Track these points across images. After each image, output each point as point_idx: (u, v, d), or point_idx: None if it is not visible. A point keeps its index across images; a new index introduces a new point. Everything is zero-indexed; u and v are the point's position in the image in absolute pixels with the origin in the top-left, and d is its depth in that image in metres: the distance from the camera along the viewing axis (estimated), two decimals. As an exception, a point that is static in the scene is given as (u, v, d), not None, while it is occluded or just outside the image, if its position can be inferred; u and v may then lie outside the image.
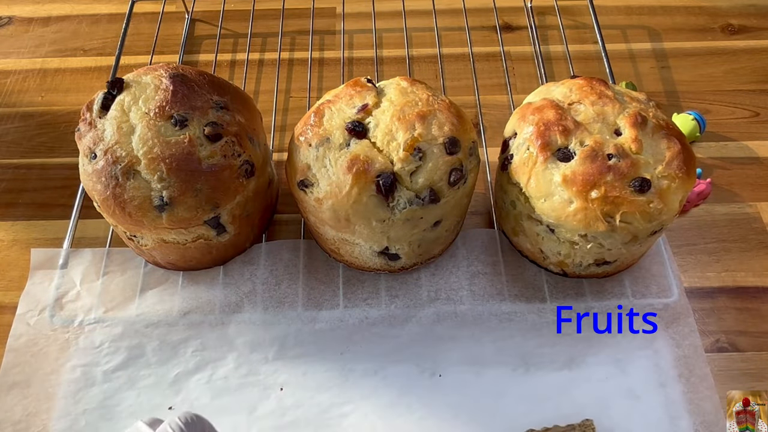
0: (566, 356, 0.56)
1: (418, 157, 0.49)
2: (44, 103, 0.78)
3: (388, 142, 0.49)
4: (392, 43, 0.83)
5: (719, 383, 0.55)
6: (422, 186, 0.49)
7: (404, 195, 0.49)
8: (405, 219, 0.49)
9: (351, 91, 0.53)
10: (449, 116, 0.51)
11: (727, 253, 0.64)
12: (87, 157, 0.52)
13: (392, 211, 0.49)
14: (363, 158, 0.48)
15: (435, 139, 0.49)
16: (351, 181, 0.48)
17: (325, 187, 0.49)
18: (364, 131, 0.50)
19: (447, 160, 0.49)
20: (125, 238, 0.58)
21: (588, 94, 0.54)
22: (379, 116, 0.51)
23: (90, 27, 0.86)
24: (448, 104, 0.53)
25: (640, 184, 0.49)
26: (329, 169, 0.49)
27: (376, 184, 0.48)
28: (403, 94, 0.52)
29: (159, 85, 0.54)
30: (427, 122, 0.50)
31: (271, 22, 0.86)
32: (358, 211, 0.49)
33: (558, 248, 0.55)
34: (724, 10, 0.87)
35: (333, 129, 0.50)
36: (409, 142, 0.49)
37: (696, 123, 0.70)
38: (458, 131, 0.51)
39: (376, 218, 0.49)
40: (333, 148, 0.50)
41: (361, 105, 0.51)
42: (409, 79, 0.54)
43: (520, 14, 0.86)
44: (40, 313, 0.58)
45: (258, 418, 0.53)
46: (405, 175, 0.49)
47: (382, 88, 0.54)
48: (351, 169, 0.48)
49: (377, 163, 0.48)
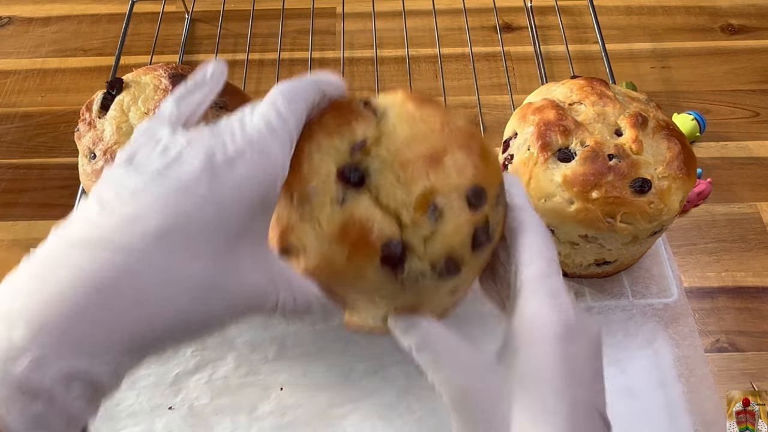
0: (566, 356, 0.55)
1: (433, 217, 0.37)
2: (44, 103, 0.78)
3: (393, 197, 0.37)
4: (392, 43, 0.83)
5: (719, 383, 0.55)
6: (439, 255, 0.37)
7: (416, 265, 0.37)
8: (416, 292, 0.39)
9: (342, 120, 0.40)
10: (470, 154, 0.38)
11: (727, 253, 0.64)
12: (86, 157, 0.52)
13: (401, 285, 0.38)
14: (362, 222, 0.37)
15: (454, 189, 0.37)
16: (348, 253, 0.36)
17: (315, 258, 0.38)
18: (362, 179, 0.38)
19: (469, 219, 0.37)
20: (125, 238, 0.58)
21: (588, 95, 0.54)
22: (381, 157, 0.38)
23: (90, 27, 0.86)
24: (468, 135, 0.40)
25: (641, 184, 0.49)
26: (318, 233, 0.37)
27: (382, 256, 0.37)
28: (410, 122, 0.40)
29: (158, 85, 0.54)
30: (444, 165, 0.37)
31: (271, 22, 0.85)
32: (357, 287, 0.38)
33: (558, 248, 0.55)
34: (724, 10, 0.87)
35: (321, 177, 0.38)
36: (421, 199, 0.37)
37: (696, 123, 0.70)
38: (483, 175, 0.38)
39: (381, 294, 0.39)
40: (322, 204, 0.37)
41: (357, 142, 0.39)
42: (416, 98, 0.41)
43: (520, 14, 0.86)
44: (40, 313, 0.58)
45: (258, 417, 0.53)
46: (417, 243, 0.36)
47: (383, 111, 0.41)
48: (347, 236, 0.36)
49: (381, 228, 0.37)
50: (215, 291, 0.29)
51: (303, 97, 0.35)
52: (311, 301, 0.36)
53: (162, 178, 0.29)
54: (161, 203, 0.28)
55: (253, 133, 0.32)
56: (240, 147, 0.31)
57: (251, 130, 0.32)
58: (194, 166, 0.29)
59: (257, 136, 0.31)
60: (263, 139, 0.32)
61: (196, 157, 0.30)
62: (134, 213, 0.27)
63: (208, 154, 0.30)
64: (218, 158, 0.30)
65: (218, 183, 0.29)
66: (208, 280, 0.29)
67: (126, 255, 0.26)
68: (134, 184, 0.29)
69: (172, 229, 0.27)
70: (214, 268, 0.29)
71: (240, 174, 0.30)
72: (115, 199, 0.28)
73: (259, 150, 0.31)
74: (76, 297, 0.25)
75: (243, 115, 0.33)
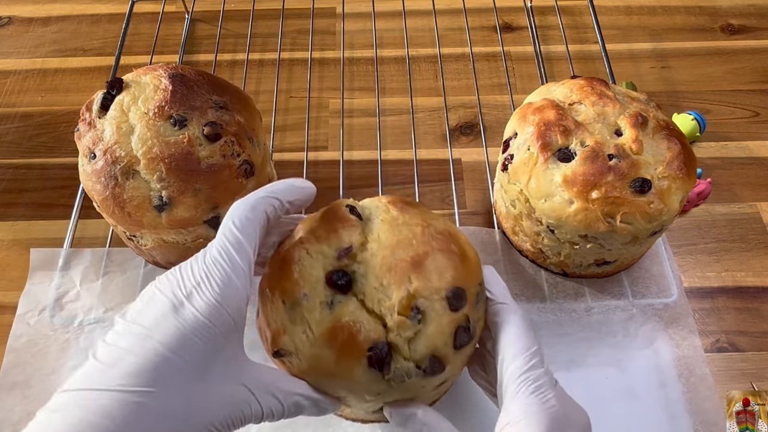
0: (566, 356, 0.55)
1: (416, 319, 0.39)
2: (44, 103, 0.78)
3: (379, 300, 0.39)
4: (392, 43, 0.83)
5: (719, 383, 0.55)
6: (423, 355, 0.39)
7: (402, 366, 0.39)
8: (404, 389, 0.41)
9: (330, 227, 0.42)
10: (451, 257, 0.41)
11: (727, 253, 0.64)
12: (86, 157, 0.52)
13: (388, 384, 0.40)
14: (349, 325, 0.39)
15: (436, 292, 0.40)
16: (336, 356, 0.39)
17: (306, 360, 0.40)
18: (350, 283, 0.40)
19: (452, 319, 0.40)
20: (125, 238, 0.58)
21: (588, 95, 0.54)
22: (367, 262, 0.40)
23: (90, 27, 0.86)
24: (447, 237, 0.43)
25: (641, 184, 0.49)
26: (308, 337, 0.39)
27: (368, 358, 0.39)
28: (393, 227, 0.42)
29: (158, 85, 0.54)
30: (425, 269, 0.40)
31: (271, 22, 0.85)
32: (346, 387, 0.40)
33: (558, 248, 0.55)
34: (724, 10, 0.87)
35: (311, 282, 0.40)
36: (404, 303, 0.39)
37: (696, 123, 0.70)
38: (462, 277, 0.41)
39: (369, 393, 0.40)
40: (312, 309, 0.39)
41: (344, 249, 0.40)
42: (398, 203, 0.44)
43: (520, 14, 0.86)
44: (40, 314, 0.58)
45: (258, 418, 0.53)
46: (402, 344, 0.39)
47: (368, 216, 0.43)
48: (336, 340, 0.38)
49: (368, 331, 0.39)
50: (189, 420, 0.32)
51: (255, 218, 0.38)
52: (299, 401, 0.38)
53: (135, 324, 0.33)
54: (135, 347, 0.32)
55: (209, 264, 0.35)
56: (197, 280, 0.34)
57: (208, 262, 0.35)
58: (159, 307, 0.33)
59: (213, 267, 0.35)
60: (220, 268, 0.35)
61: (162, 299, 0.34)
62: (112, 359, 0.32)
63: (172, 292, 0.34)
64: (179, 295, 0.34)
65: (178, 316, 0.33)
66: (181, 409, 0.32)
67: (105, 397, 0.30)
68: (114, 334, 0.33)
69: (144, 368, 0.31)
70: (186, 397, 0.32)
71: (199, 305, 0.33)
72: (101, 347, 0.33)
73: (217, 278, 0.34)
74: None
75: (204, 250, 0.37)
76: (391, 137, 0.73)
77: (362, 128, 0.74)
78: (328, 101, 0.77)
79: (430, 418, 0.40)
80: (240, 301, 0.35)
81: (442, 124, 0.74)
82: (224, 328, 0.34)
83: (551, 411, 0.37)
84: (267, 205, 0.39)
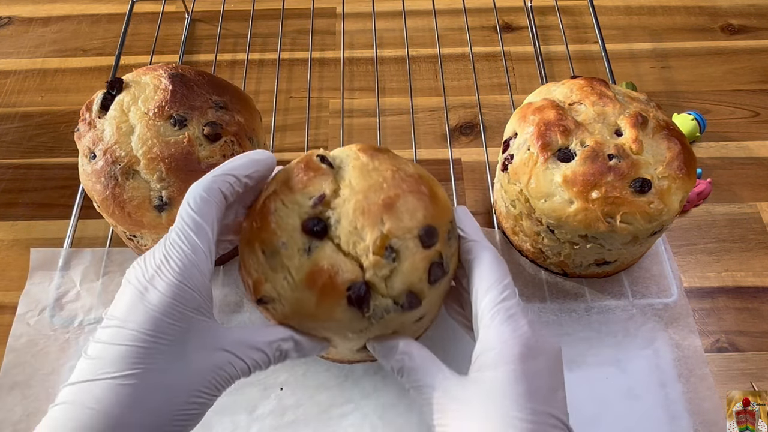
0: (566, 356, 0.55)
1: (391, 258, 0.41)
2: (44, 103, 0.78)
3: (354, 243, 0.41)
4: (392, 43, 0.83)
5: (719, 383, 0.55)
6: (399, 291, 0.41)
7: (380, 303, 0.41)
8: (384, 325, 0.43)
9: (303, 176, 0.43)
10: (421, 197, 0.43)
11: (727, 253, 0.64)
12: (86, 157, 0.52)
13: (369, 321, 0.42)
14: (327, 268, 0.40)
15: (408, 231, 0.41)
16: (317, 299, 0.41)
17: (288, 305, 0.42)
18: (325, 229, 0.41)
19: (425, 256, 0.42)
20: (125, 238, 0.58)
21: (588, 95, 0.54)
22: (341, 208, 0.42)
23: (90, 27, 0.86)
24: (416, 180, 0.44)
25: (641, 184, 0.49)
26: (289, 283, 0.41)
27: (348, 297, 0.40)
28: (364, 173, 0.44)
29: (158, 85, 0.54)
30: (396, 211, 0.42)
31: (271, 22, 0.86)
32: (330, 327, 0.42)
33: (558, 248, 0.55)
34: (724, 10, 0.87)
35: (288, 231, 0.41)
36: (378, 243, 0.41)
37: (696, 123, 0.70)
38: (433, 216, 0.43)
39: (352, 330, 0.42)
40: (291, 256, 0.41)
41: (317, 196, 0.42)
42: (368, 150, 0.46)
43: (520, 14, 0.86)
44: (40, 314, 0.58)
45: (258, 417, 0.53)
46: (379, 282, 0.41)
47: (339, 165, 0.45)
48: (315, 283, 0.40)
49: (345, 272, 0.40)
50: (176, 392, 0.35)
51: (211, 198, 0.40)
52: (281, 345, 0.40)
53: (112, 318, 0.36)
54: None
55: (168, 248, 0.38)
56: (157, 264, 0.37)
57: (167, 245, 0.38)
58: (128, 296, 0.36)
59: (171, 249, 0.38)
60: (178, 249, 0.37)
61: (130, 288, 0.37)
62: (97, 353, 0.35)
63: (137, 279, 0.37)
64: (143, 281, 0.36)
65: (145, 301, 0.35)
66: (166, 384, 0.35)
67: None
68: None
69: (123, 355, 0.34)
70: (169, 373, 0.35)
71: (162, 287, 0.36)
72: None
73: (176, 259, 0.37)
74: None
75: (165, 235, 0.39)
76: (391, 137, 0.73)
77: (362, 128, 0.74)
78: (328, 101, 0.77)
79: (410, 347, 0.42)
80: (202, 276, 0.37)
81: (442, 124, 0.74)
82: (191, 304, 0.36)
83: (524, 337, 0.38)
84: (222, 183, 0.40)
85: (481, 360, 0.39)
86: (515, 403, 0.36)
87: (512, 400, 0.36)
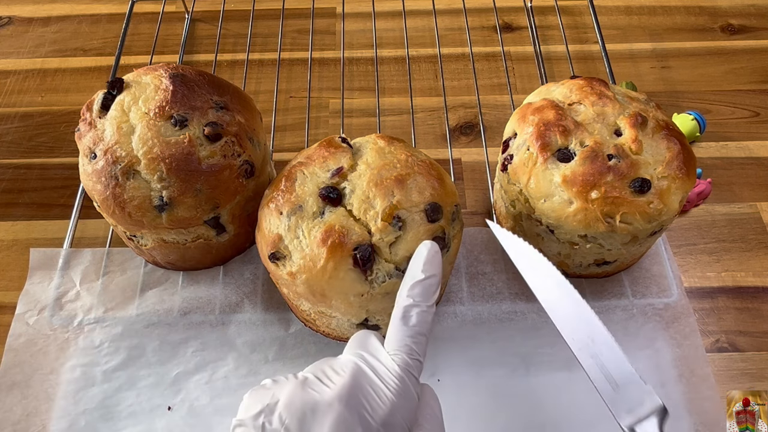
0: (566, 356, 0.55)
1: (397, 226, 0.46)
2: (44, 103, 0.78)
3: (365, 210, 0.46)
4: (392, 43, 0.83)
5: (719, 383, 0.55)
6: (402, 258, 0.46)
7: (383, 267, 0.45)
8: (385, 292, 0.46)
9: (324, 152, 0.49)
10: (430, 179, 0.48)
11: (727, 253, 0.64)
12: (87, 157, 0.52)
13: (371, 285, 0.46)
14: (338, 229, 0.45)
15: (415, 205, 0.47)
16: (326, 255, 0.45)
17: (299, 261, 0.46)
18: (339, 197, 0.47)
19: (428, 229, 0.46)
20: (125, 238, 0.58)
21: (588, 95, 0.54)
22: (355, 181, 0.48)
23: (90, 27, 0.86)
24: (428, 165, 0.50)
25: (640, 184, 0.49)
26: (302, 241, 0.46)
27: (353, 257, 0.45)
28: (380, 155, 0.49)
29: (159, 85, 0.54)
30: (407, 187, 0.47)
31: (271, 22, 0.86)
32: (334, 286, 0.46)
33: (558, 248, 0.55)
34: (724, 10, 0.87)
35: (306, 195, 0.47)
36: (387, 211, 0.46)
37: (696, 123, 0.70)
38: (440, 196, 0.48)
39: (354, 293, 0.46)
40: (306, 217, 0.46)
41: (335, 168, 0.48)
42: (386, 137, 0.51)
43: (520, 14, 0.87)
44: (39, 313, 0.58)
45: (258, 418, 0.53)
46: (384, 247, 0.45)
47: (358, 147, 0.51)
48: (326, 241, 0.45)
49: (354, 235, 0.45)
50: None
51: (422, 345, 0.41)
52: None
53: None
54: None
55: (393, 386, 0.38)
56: (389, 399, 0.38)
57: (391, 386, 0.39)
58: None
59: (396, 388, 0.38)
60: (406, 388, 0.39)
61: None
62: None
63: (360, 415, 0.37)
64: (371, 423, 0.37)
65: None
66: None
67: None
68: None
69: None
70: None
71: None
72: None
73: (403, 396, 0.38)
74: None
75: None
76: (391, 137, 0.73)
77: (362, 128, 0.74)
78: (328, 101, 0.77)
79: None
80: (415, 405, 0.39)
81: (442, 124, 0.74)
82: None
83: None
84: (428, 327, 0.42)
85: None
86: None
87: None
